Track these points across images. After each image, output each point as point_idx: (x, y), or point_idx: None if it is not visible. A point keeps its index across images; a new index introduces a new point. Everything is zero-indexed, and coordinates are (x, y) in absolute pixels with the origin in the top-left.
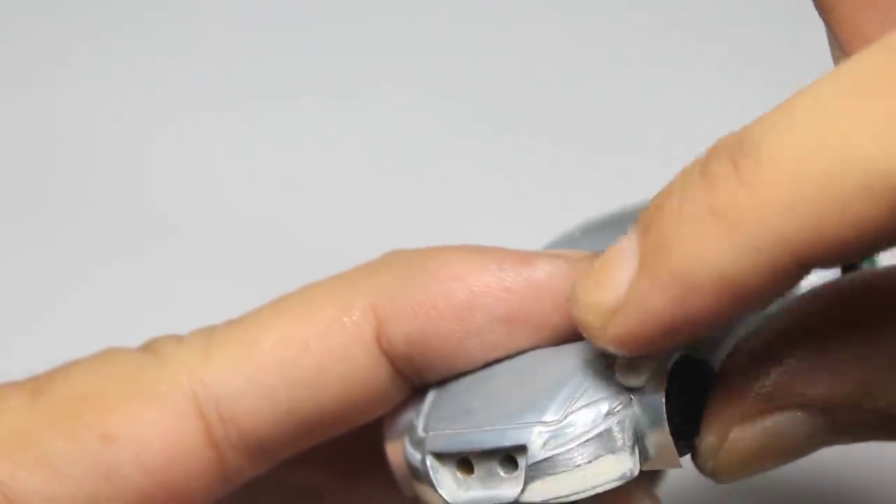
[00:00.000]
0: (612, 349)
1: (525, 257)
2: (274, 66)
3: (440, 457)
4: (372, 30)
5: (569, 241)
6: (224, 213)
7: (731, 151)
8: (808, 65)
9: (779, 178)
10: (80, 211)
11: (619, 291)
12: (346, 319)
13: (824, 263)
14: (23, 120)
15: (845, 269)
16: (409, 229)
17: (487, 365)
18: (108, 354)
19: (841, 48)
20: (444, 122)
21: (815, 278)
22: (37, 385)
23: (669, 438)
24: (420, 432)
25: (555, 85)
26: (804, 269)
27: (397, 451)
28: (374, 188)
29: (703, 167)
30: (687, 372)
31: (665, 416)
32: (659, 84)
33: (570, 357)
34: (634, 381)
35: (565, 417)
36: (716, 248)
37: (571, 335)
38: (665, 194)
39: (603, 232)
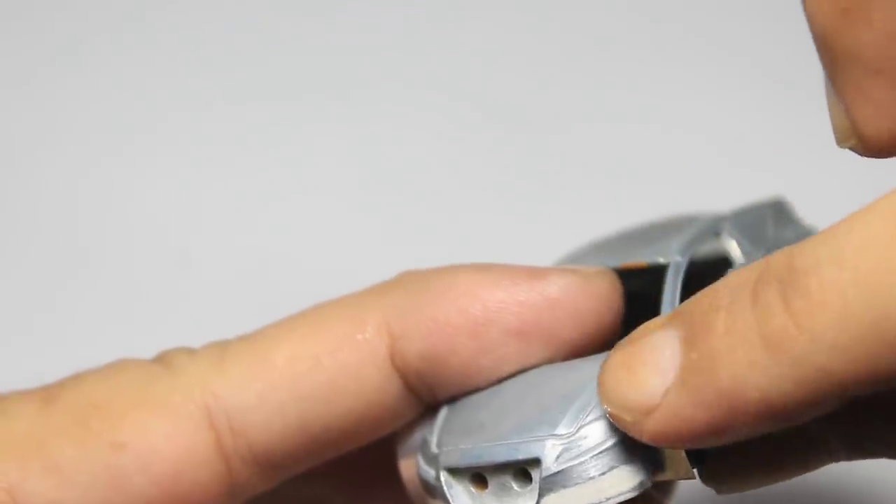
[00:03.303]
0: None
1: (537, 272)
2: (263, 70)
3: (454, 472)
4: (367, 36)
5: (576, 259)
6: (222, 233)
7: (781, 281)
8: (810, 67)
9: (828, 318)
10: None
11: (655, 395)
12: (359, 336)
13: (867, 391)
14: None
15: None
16: (410, 251)
17: (499, 381)
18: (121, 364)
19: (846, 110)
20: (446, 140)
21: None
22: (48, 392)
23: (682, 450)
24: (433, 448)
25: (561, 99)
26: (847, 396)
27: (411, 468)
28: (371, 213)
29: (754, 293)
30: None
31: None
32: (669, 90)
33: (580, 371)
34: None
35: (578, 430)
36: (763, 375)
37: (584, 349)
38: (710, 309)
39: (609, 250)
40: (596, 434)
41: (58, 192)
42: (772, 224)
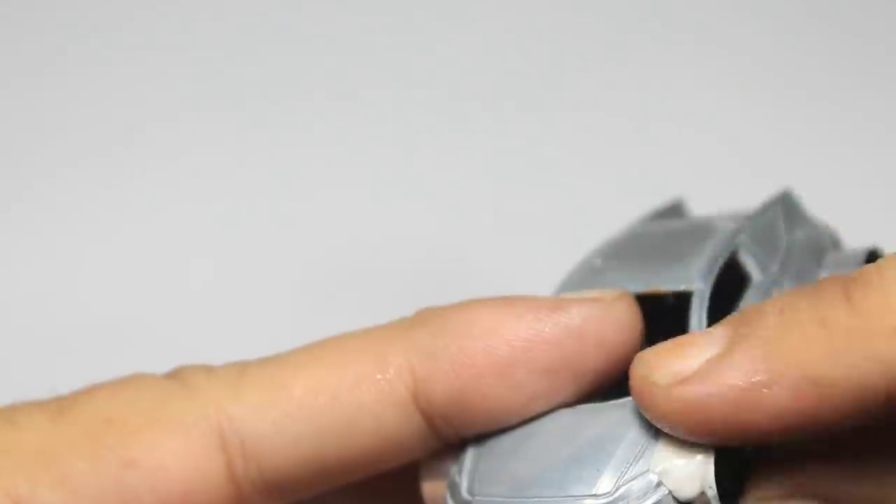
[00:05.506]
0: (665, 422)
1: (559, 304)
2: (265, 69)
3: None
4: (370, 35)
5: (589, 270)
6: (224, 235)
7: (842, 280)
8: (814, 67)
9: (885, 306)
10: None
11: (694, 364)
12: (379, 376)
13: None
14: None
15: (868, 261)
16: (415, 252)
17: (529, 419)
18: (135, 379)
19: None
20: (452, 140)
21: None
22: (61, 405)
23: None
24: (465, 495)
25: (569, 99)
26: (890, 398)
27: (433, 490)
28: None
29: (812, 288)
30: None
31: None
32: (677, 90)
33: (613, 418)
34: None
35: (617, 490)
36: (810, 352)
37: (609, 375)
38: (762, 308)
39: (622, 260)
40: (635, 494)
41: (57, 193)
42: (783, 225)
